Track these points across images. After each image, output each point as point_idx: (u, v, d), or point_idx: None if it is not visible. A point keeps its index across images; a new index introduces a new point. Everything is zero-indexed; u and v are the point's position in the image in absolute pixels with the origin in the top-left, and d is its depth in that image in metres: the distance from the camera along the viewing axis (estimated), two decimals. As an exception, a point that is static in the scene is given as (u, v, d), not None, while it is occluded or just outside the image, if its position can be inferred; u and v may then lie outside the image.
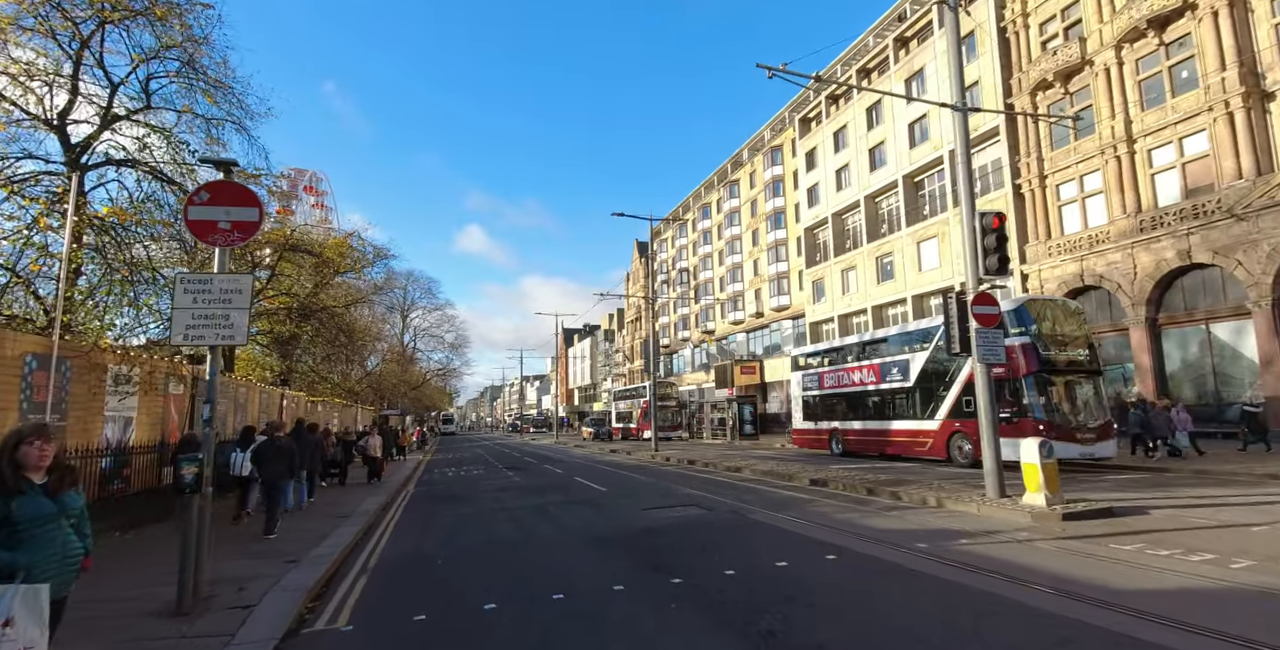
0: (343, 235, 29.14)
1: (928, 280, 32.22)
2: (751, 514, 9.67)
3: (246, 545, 8.61)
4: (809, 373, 24.30)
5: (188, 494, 5.73)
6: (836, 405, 22.31)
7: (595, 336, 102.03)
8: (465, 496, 14.28)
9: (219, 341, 6.21)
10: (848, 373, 21.80)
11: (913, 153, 33.60)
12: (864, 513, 9.46)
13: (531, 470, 21.09)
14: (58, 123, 11.87)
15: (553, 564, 7.14)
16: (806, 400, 24.09)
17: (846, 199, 38.89)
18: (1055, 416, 14.33)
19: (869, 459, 19.44)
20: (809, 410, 23.88)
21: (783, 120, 50.44)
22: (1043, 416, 14.12)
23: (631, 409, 47.03)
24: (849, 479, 12.71)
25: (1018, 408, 14.55)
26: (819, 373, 23.56)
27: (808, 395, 24.04)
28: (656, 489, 13.85)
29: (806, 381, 24.32)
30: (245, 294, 6.33)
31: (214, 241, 6.38)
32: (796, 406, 24.80)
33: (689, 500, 11.60)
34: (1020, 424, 14.13)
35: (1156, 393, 21.68)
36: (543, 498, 13.28)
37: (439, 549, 8.32)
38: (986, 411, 9.65)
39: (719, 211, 59.07)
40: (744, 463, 18.34)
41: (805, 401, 24.17)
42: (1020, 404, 14.58)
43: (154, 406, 12.20)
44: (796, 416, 24.70)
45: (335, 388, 32.43)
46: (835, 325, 39.65)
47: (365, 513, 11.36)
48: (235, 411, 17.09)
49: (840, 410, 22.10)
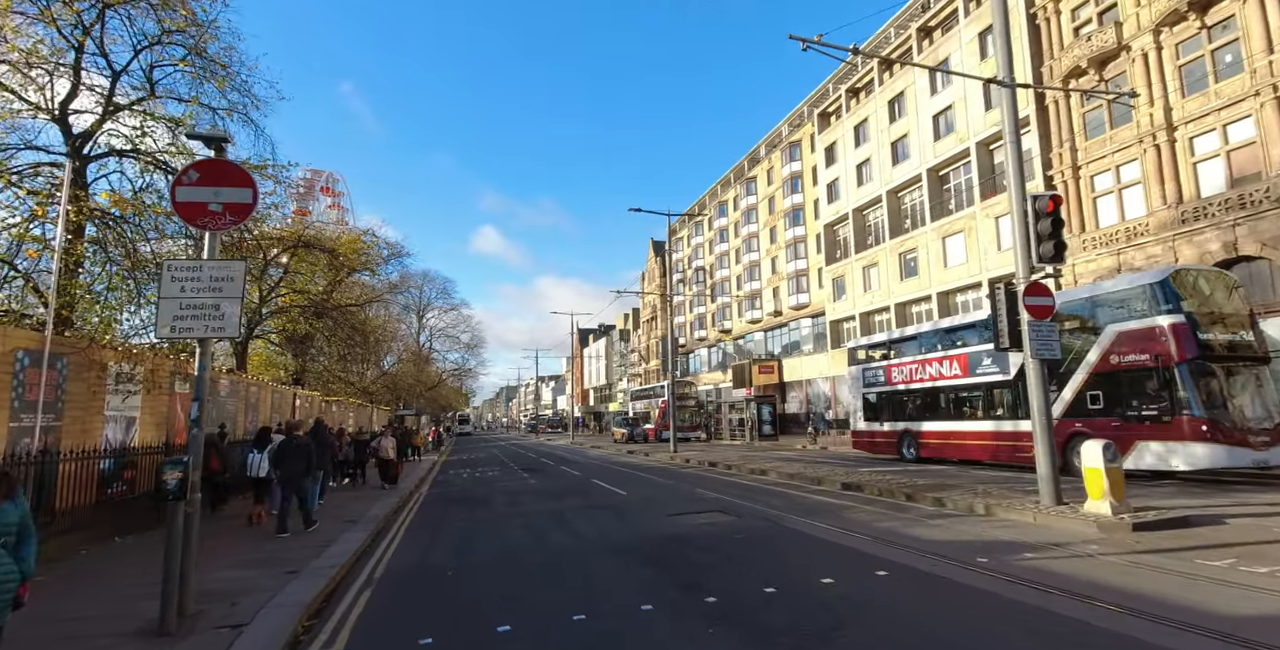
0: (357, 233, 28.87)
1: (954, 277, 31.25)
2: (785, 521, 8.99)
3: (248, 551, 8.11)
4: (872, 367, 21.37)
5: (171, 501, 5.19)
6: (908, 403, 19.55)
7: (610, 336, 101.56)
8: (480, 500, 13.73)
9: (209, 334, 5.67)
10: (923, 365, 18.87)
11: (937, 145, 32.64)
12: (906, 521, 8.74)
13: (548, 472, 20.54)
14: (59, 113, 11.49)
15: (573, 577, 6.53)
16: (869, 398, 21.22)
17: (868, 194, 37.96)
18: (1218, 414, 11.65)
19: (948, 464, 17.26)
20: (872, 410, 21.06)
21: (801, 115, 49.57)
22: (1202, 414, 11.47)
23: (649, 409, 46.40)
24: (884, 483, 11.97)
25: (1168, 403, 11.91)
26: (885, 366, 20.62)
27: (871, 392, 21.10)
28: (679, 493, 13.20)
29: (869, 376, 21.36)
30: (238, 282, 5.79)
31: (204, 225, 5.84)
32: (855, 405, 22.03)
33: (715, 505, 10.94)
34: (1174, 424, 11.71)
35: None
36: (560, 502, 12.70)
37: (450, 559, 7.74)
38: (1040, 408, 8.89)
39: (736, 209, 58.25)
40: (768, 465, 17.63)
41: (867, 400, 21.29)
42: (1172, 399, 11.86)
43: (159, 406, 11.78)
44: (856, 417, 21.93)
45: (350, 387, 32.16)
46: (856, 324, 38.73)
47: (375, 517, 10.84)
48: (247, 411, 16.72)
49: (914, 409, 19.32)
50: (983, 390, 16.83)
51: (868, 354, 22.43)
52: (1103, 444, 8.02)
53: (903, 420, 19.58)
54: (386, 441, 16.84)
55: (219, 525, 11.46)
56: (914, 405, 19.35)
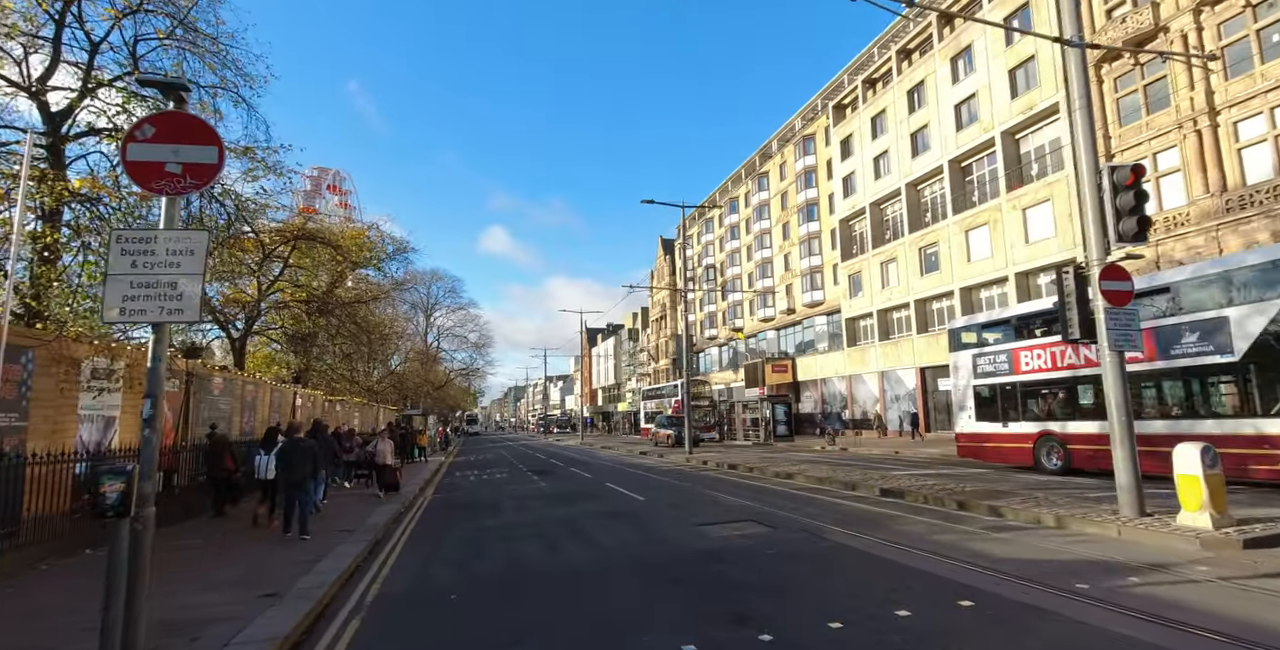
0: (361, 227, 28.07)
1: (978, 271, 30.09)
2: (829, 534, 8.00)
3: (233, 564, 7.22)
4: (989, 351, 16.74)
5: (110, 518, 4.27)
6: (1049, 397, 15.19)
7: (619, 336, 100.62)
8: (487, 505, 12.81)
9: (165, 318, 4.75)
10: (1074, 348, 13.94)
11: (959, 136, 31.49)
12: (967, 534, 7.74)
13: (558, 475, 19.61)
14: (36, 89, 10.68)
15: (594, 603, 5.58)
16: (982, 392, 16.76)
17: (886, 187, 36.84)
18: None
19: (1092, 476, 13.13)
20: (989, 406, 16.53)
21: (814, 108, 48.46)
22: None
23: (661, 408, 45.40)
24: (928, 489, 10.95)
25: None
26: (1011, 349, 15.99)
27: (988, 383, 16.60)
28: (702, 499, 12.22)
29: (984, 364, 16.79)
30: (199, 256, 4.87)
31: (160, 189, 4.93)
32: (963, 400, 17.51)
33: (745, 514, 9.95)
34: None
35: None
36: (573, 508, 11.76)
37: (454, 577, 6.82)
38: (1119, 410, 7.87)
39: (747, 205, 57.18)
40: (792, 468, 16.62)
41: (980, 394, 16.83)
42: None
43: (142, 405, 10.91)
44: (964, 416, 17.38)
45: (355, 386, 31.38)
46: (874, 320, 37.62)
47: (374, 526, 9.93)
48: (243, 411, 15.89)
49: (1058, 405, 14.89)
50: (1178, 377, 12.25)
51: (980, 336, 17.81)
52: (1201, 447, 6.99)
53: (1041, 420, 15.19)
54: (384, 445, 14.78)
55: (223, 527, 10.69)
56: (1058, 399, 14.95)
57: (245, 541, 9.20)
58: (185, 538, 9.59)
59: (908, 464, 18.20)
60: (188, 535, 9.82)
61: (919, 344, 33.83)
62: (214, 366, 13.84)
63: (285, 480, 9.76)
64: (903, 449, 24.67)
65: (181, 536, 9.70)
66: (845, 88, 42.70)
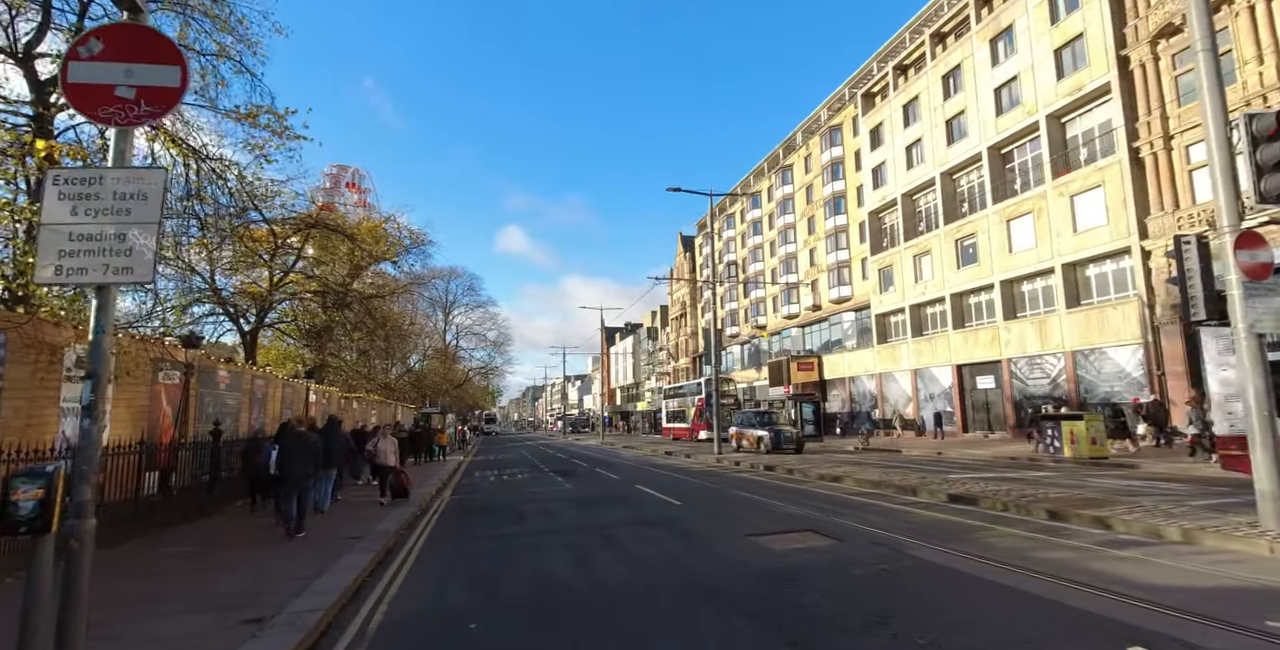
0: (378, 220, 27.33)
1: (1021, 262, 28.54)
2: (910, 549, 6.82)
3: (224, 578, 6.24)
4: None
5: (24, 534, 3.27)
6: None
7: (637, 334, 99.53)
8: (508, 510, 11.78)
9: (110, 278, 3.75)
10: None
11: (999, 121, 29.94)
12: (1081, 551, 6.53)
13: (582, 476, 18.56)
14: (23, 55, 9.86)
15: (642, 641, 4.48)
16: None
17: (919, 177, 35.33)
18: None
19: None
20: None
21: (842, 98, 46.98)
22: None
23: (684, 407, 44.21)
24: (1005, 496, 9.70)
25: None
26: None
27: None
28: (746, 504, 11.08)
29: None
30: (154, 201, 3.86)
31: (109, 118, 3.94)
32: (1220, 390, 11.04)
33: (801, 522, 8.80)
34: None
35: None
36: (604, 514, 10.68)
37: (472, 598, 5.78)
38: (1260, 404, 6.61)
39: (770, 200, 55.81)
40: (837, 470, 15.39)
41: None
42: None
43: (136, 397, 10.05)
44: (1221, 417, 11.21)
45: (371, 383, 30.65)
46: (906, 316, 36.13)
47: (384, 533, 8.94)
48: (251, 407, 15.04)
49: None
50: None
51: None
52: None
53: None
54: (385, 443, 12.72)
55: (230, 528, 9.84)
56: None
57: (246, 547, 8.25)
58: (181, 543, 8.68)
59: (958, 466, 16.88)
60: (185, 540, 8.92)
61: (955, 340, 32.32)
62: (218, 358, 13.00)
63: (285, 476, 9.03)
64: (944, 450, 23.29)
65: (178, 541, 8.80)
66: (875, 75, 41.22)
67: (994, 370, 30.27)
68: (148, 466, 9.98)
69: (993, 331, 30.02)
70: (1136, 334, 23.56)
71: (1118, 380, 24.54)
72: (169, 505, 10.27)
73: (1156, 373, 23.09)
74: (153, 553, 7.94)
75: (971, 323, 32.23)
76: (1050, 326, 27.08)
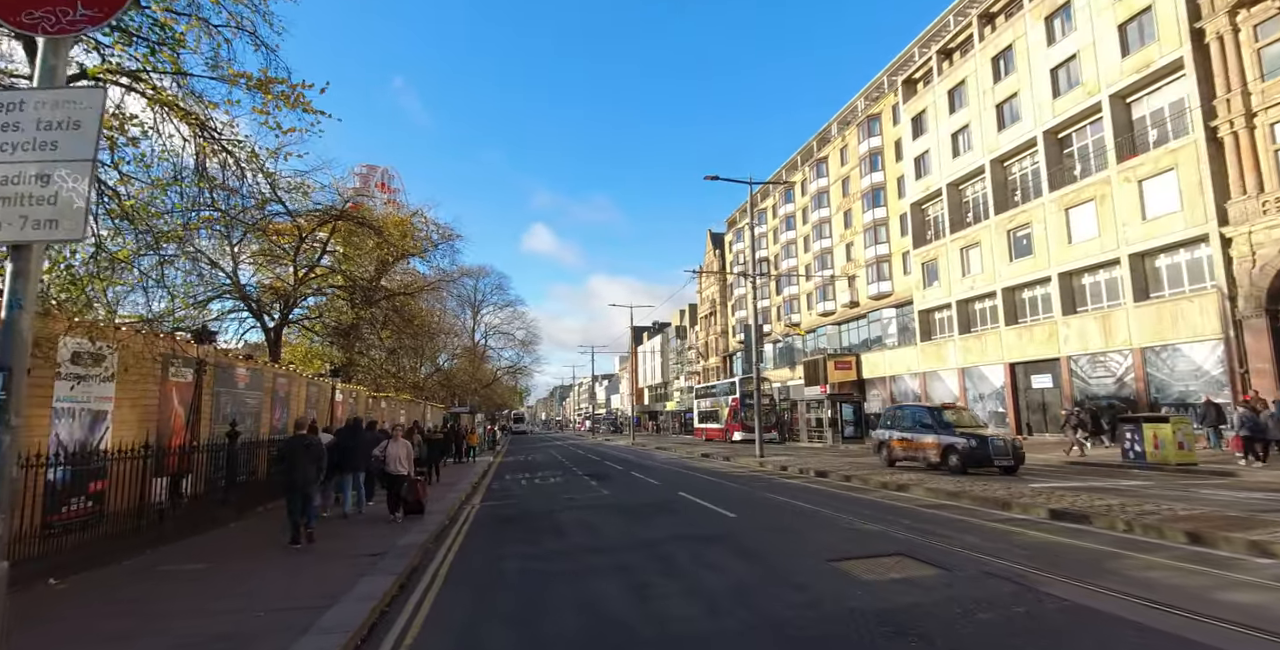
0: (406, 214, 26.72)
1: (1081, 254, 26.70)
2: (1039, 584, 5.56)
3: (209, 611, 5.31)
4: None
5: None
6: None
7: (665, 333, 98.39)
8: (544, 520, 10.77)
9: (28, 234, 2.79)
10: None
11: (1056, 103, 28.10)
12: (1264, 589, 5.23)
13: (618, 480, 17.51)
14: (23, 27, 9.12)
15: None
16: None
17: (966, 166, 33.54)
18: None
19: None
20: None
21: (880, 86, 45.20)
22: None
23: (717, 407, 42.98)
24: (1118, 512, 8.34)
25: None
26: None
27: None
28: (809, 517, 9.90)
29: None
30: (88, 131, 2.88)
31: (35, 25, 2.98)
32: None
33: (886, 543, 7.58)
34: None
35: None
36: (651, 527, 9.59)
37: (510, 644, 4.72)
38: None
39: (804, 193, 54.20)
40: (901, 477, 14.07)
41: None
42: None
43: (143, 397, 9.27)
44: None
45: (400, 382, 30.09)
46: (952, 312, 34.37)
47: (408, 549, 7.98)
48: (274, 407, 14.29)
49: None
50: None
51: None
52: None
53: None
54: (396, 447, 10.83)
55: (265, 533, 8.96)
56: None
57: (256, 563, 7.36)
58: (186, 559, 7.83)
59: (1029, 472, 15.39)
60: (191, 555, 8.07)
61: (1008, 337, 30.53)
62: (237, 355, 12.25)
63: (286, 483, 8.38)
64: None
65: (182, 557, 7.95)
66: (916, 61, 39.44)
67: (1051, 368, 28.45)
68: (156, 472, 9.20)
69: (1050, 327, 28.20)
70: (1216, 329, 21.68)
71: (1194, 379, 22.66)
72: (179, 514, 9.47)
73: (1239, 370, 21.19)
74: (150, 573, 7.08)
75: (1026, 318, 30.40)
76: (1115, 321, 25.23)
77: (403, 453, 10.82)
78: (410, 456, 11.03)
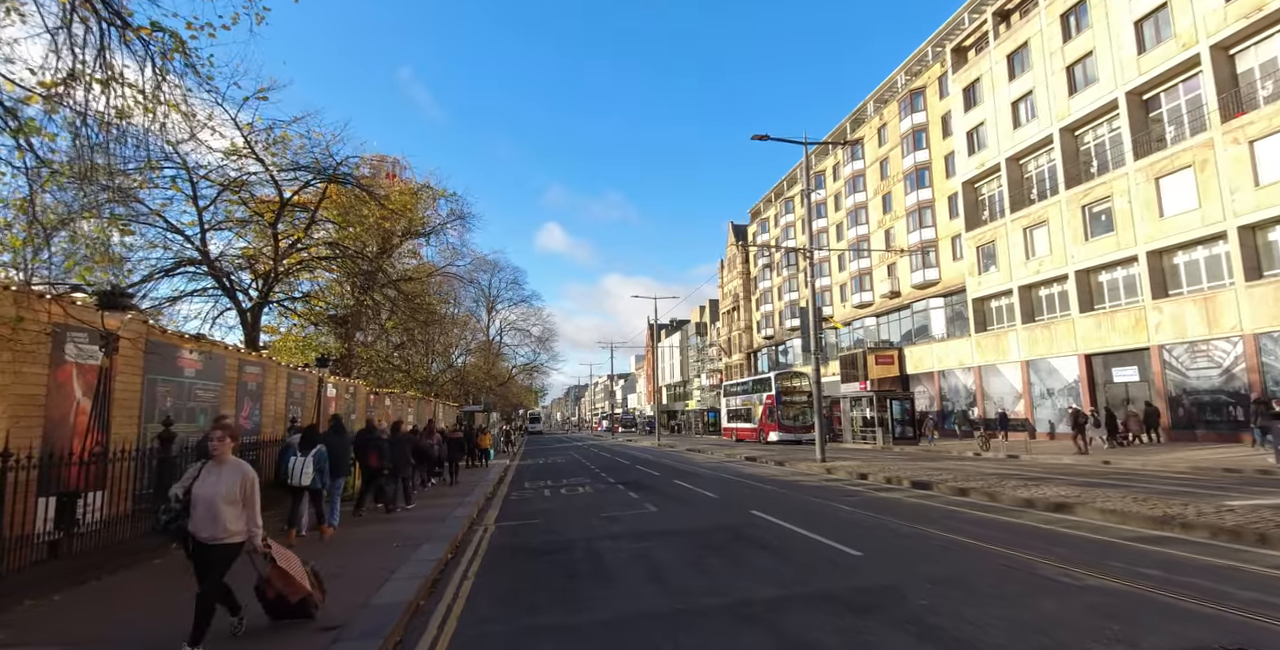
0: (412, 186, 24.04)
1: (1176, 228, 23.38)
2: None
3: None
4: None
5: None
6: None
7: (684, 330, 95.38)
8: (580, 554, 7.88)
9: None
10: None
11: (1142, 61, 24.78)
12: None
13: (662, 491, 14.58)
14: None
15: None
16: None
17: (1030, 136, 30.24)
18: None
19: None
20: None
21: (924, 58, 41.94)
22: None
23: (749, 406, 39.96)
24: None
25: None
26: None
27: None
28: (976, 558, 6.89)
29: None
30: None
31: None
32: None
33: (1175, 619, 4.61)
34: None
35: None
36: (741, 574, 6.66)
37: None
38: None
39: (835, 179, 51.02)
40: (1046, 491, 10.98)
41: None
42: None
43: (22, 385, 6.49)
44: None
45: (408, 378, 27.43)
46: (1014, 299, 31.07)
47: (396, 606, 5.11)
48: (240, 402, 11.48)
49: None
50: None
51: None
52: None
53: None
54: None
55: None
56: None
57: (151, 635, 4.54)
58: (44, 629, 5.02)
59: (1187, 481, 12.28)
60: (59, 620, 5.27)
61: (1083, 325, 27.22)
62: (183, 335, 9.48)
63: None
64: (1105, 457, 18.49)
65: (38, 626, 5.15)
66: (966, 27, 36.14)
67: (1138, 360, 25.14)
68: (41, 490, 6.44)
69: (1135, 313, 24.90)
70: (1359, 310, 18.34)
71: (1327, 369, 19.33)
72: (74, 550, 6.70)
73: (1391, 359, 17.85)
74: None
75: (1104, 304, 27.09)
76: (1221, 305, 21.91)
77: None
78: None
